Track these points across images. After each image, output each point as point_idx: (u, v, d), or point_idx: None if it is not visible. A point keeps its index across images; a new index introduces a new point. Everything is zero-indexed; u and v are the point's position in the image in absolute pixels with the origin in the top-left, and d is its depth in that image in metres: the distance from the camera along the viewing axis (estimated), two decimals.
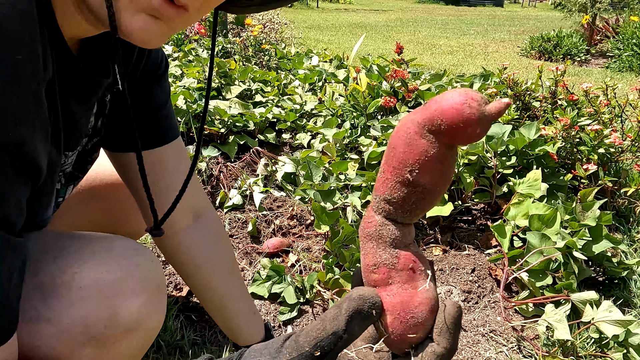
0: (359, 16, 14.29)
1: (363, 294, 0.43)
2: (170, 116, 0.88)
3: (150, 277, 0.72)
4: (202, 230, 0.96)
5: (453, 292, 1.47)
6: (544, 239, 1.40)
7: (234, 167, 2.07)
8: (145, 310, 0.70)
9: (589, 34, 7.28)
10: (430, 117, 0.40)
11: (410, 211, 0.44)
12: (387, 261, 0.44)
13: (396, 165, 0.42)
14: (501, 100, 0.39)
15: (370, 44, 7.54)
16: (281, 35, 5.23)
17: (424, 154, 0.41)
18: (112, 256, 0.69)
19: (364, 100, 2.24)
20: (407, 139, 0.41)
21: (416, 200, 0.43)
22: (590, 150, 1.87)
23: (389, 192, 0.43)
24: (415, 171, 0.42)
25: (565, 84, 2.26)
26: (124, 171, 0.87)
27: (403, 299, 0.44)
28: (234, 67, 2.87)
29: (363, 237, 0.46)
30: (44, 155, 0.50)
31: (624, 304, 1.43)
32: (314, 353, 0.42)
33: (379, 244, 0.45)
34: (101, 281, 0.66)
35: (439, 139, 0.41)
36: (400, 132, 0.42)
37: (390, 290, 0.45)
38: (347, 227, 1.48)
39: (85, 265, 0.66)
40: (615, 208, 1.91)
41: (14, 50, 0.44)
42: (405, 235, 0.45)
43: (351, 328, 0.42)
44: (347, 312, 0.42)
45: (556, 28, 7.69)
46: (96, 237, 0.73)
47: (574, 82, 2.95)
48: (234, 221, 1.78)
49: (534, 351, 1.25)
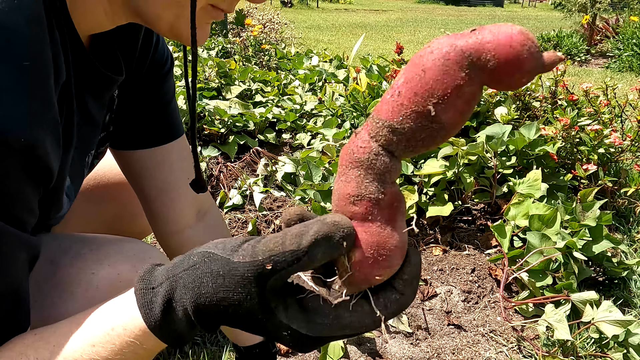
0: (359, 16, 14.29)
1: (338, 222, 0.39)
2: (177, 112, 0.88)
3: None
4: (207, 228, 0.96)
5: (453, 292, 1.47)
6: (544, 239, 1.40)
7: (234, 167, 2.07)
8: None
9: (589, 34, 7.28)
10: (478, 48, 0.35)
11: (414, 147, 0.39)
12: (373, 195, 0.40)
13: (420, 92, 0.36)
14: (556, 52, 0.34)
15: (370, 44, 7.54)
16: (281, 35, 5.23)
17: (458, 88, 0.36)
18: (126, 257, 0.70)
19: (364, 100, 2.24)
20: (442, 66, 0.36)
21: (426, 137, 0.38)
22: (590, 150, 1.87)
23: (398, 120, 0.37)
24: (442, 105, 0.36)
25: (565, 84, 2.26)
26: (130, 170, 0.87)
27: (380, 238, 0.40)
28: (234, 67, 2.87)
29: (348, 162, 0.40)
30: (55, 158, 0.50)
31: (624, 304, 1.43)
32: (266, 265, 0.39)
33: (367, 174, 0.39)
34: (117, 282, 0.66)
35: (478, 75, 0.35)
36: (436, 56, 0.36)
37: (368, 226, 0.40)
38: None
39: (102, 267, 0.67)
40: (615, 208, 1.91)
41: (21, 56, 0.44)
42: (396, 172, 0.40)
43: (314, 253, 0.39)
44: (314, 235, 0.38)
45: (556, 28, 7.69)
46: (109, 240, 0.74)
47: (574, 82, 2.95)
48: (234, 221, 1.78)
49: (534, 351, 1.25)
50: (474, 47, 0.35)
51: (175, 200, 0.88)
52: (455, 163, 1.72)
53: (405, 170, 1.75)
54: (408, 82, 0.37)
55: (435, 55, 0.36)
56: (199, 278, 0.42)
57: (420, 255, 0.43)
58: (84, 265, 0.67)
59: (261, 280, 0.40)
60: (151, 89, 0.81)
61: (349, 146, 0.40)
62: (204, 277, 0.42)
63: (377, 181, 0.40)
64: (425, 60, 0.37)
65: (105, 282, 0.66)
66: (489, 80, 0.35)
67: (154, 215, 0.90)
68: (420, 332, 1.32)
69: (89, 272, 0.66)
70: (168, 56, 0.84)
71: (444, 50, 0.36)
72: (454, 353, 1.26)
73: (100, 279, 0.66)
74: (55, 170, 0.50)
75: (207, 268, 0.42)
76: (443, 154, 1.76)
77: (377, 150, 0.39)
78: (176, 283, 0.43)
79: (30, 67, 0.45)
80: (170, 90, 0.85)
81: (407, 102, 0.37)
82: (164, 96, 0.84)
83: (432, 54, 0.36)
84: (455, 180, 1.76)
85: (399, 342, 1.28)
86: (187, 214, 0.92)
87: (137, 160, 0.84)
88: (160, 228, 0.92)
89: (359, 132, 0.40)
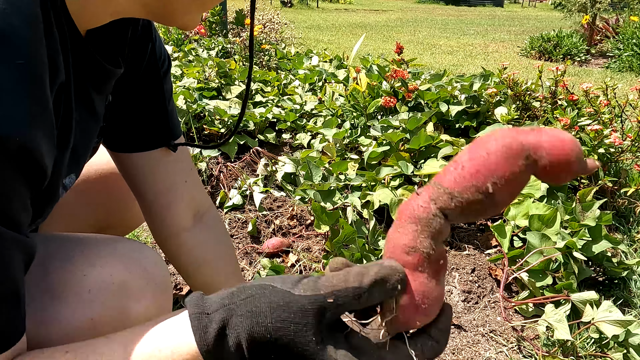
0: (359, 16, 14.29)
1: (395, 266, 0.44)
2: (175, 114, 0.88)
3: (155, 278, 0.71)
4: (205, 230, 0.96)
5: (453, 292, 1.47)
6: (544, 239, 1.41)
7: (234, 167, 2.07)
8: (152, 311, 0.69)
9: (589, 34, 7.28)
10: (537, 145, 0.41)
11: (466, 215, 0.44)
12: (426, 250, 0.45)
13: (482, 171, 0.42)
14: (595, 161, 0.41)
15: (370, 44, 7.54)
16: (281, 35, 5.23)
17: (514, 174, 0.42)
18: (118, 258, 0.69)
19: (364, 100, 2.24)
20: (505, 153, 0.42)
21: (478, 209, 0.43)
22: (590, 150, 1.87)
23: (459, 190, 0.43)
24: (498, 184, 0.42)
25: (565, 84, 2.26)
26: (127, 172, 0.86)
27: (426, 288, 0.45)
28: (234, 67, 2.87)
29: (407, 217, 0.45)
30: (50, 158, 0.50)
31: (624, 304, 1.43)
32: (327, 299, 0.41)
33: (423, 231, 0.45)
34: (109, 283, 0.65)
35: (532, 167, 0.42)
36: (500, 144, 0.42)
37: (417, 276, 0.45)
38: (347, 227, 1.48)
39: (93, 268, 0.66)
40: (615, 208, 1.91)
41: (20, 57, 0.44)
42: (447, 233, 0.46)
43: (372, 291, 0.42)
44: (374, 275, 0.42)
45: (556, 28, 7.69)
46: (101, 240, 0.72)
47: (574, 82, 2.95)
48: (234, 221, 1.78)
49: (534, 351, 1.25)
50: (533, 144, 0.41)
51: (172, 203, 0.88)
52: None
53: (405, 170, 1.75)
54: (472, 160, 0.43)
55: (500, 144, 0.42)
56: (257, 307, 0.43)
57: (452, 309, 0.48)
58: (74, 267, 0.66)
59: (320, 314, 0.42)
60: (148, 91, 0.81)
61: (409, 203, 0.46)
62: (262, 307, 0.43)
63: (431, 238, 0.45)
64: (489, 145, 0.42)
65: (97, 285, 0.65)
66: (539, 172, 0.42)
67: (151, 218, 0.90)
68: None
69: (80, 274, 0.65)
70: (165, 57, 0.83)
71: (507, 140, 0.42)
72: (454, 353, 1.26)
73: (92, 281, 0.65)
74: (49, 171, 0.50)
75: (267, 299, 0.43)
76: (443, 154, 1.77)
77: (436, 212, 0.44)
78: (233, 311, 0.43)
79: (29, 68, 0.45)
80: (168, 92, 0.84)
81: (469, 176, 0.43)
82: (162, 98, 0.83)
83: (497, 142, 0.42)
84: None
85: None
86: (184, 216, 0.91)
87: (134, 162, 0.84)
88: (158, 231, 0.92)
89: (421, 193, 0.46)
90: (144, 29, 0.76)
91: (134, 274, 0.68)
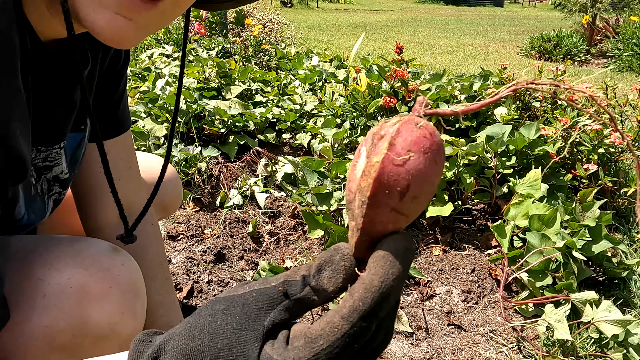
0: (359, 16, 14.29)
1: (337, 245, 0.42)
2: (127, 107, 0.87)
3: (122, 281, 0.67)
4: None
5: (453, 292, 1.47)
6: (544, 239, 1.41)
7: (234, 167, 2.08)
8: (117, 317, 0.66)
9: (589, 34, 7.28)
10: None
11: None
12: None
13: None
14: None
15: (370, 44, 7.54)
16: (281, 35, 5.23)
17: None
18: (80, 260, 0.65)
19: (364, 100, 2.24)
20: None
21: None
22: (590, 150, 1.87)
23: None
24: None
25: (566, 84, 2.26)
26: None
27: None
28: (234, 67, 2.88)
29: None
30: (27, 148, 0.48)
31: (624, 304, 1.43)
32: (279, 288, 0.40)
33: None
34: (66, 288, 0.62)
35: None
36: None
37: None
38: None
39: (50, 272, 0.62)
40: (615, 208, 1.91)
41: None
42: None
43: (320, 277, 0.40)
44: (318, 260, 0.41)
45: (556, 28, 7.69)
46: (65, 240, 0.68)
47: (574, 82, 2.95)
48: (234, 221, 1.78)
49: (534, 351, 1.25)
50: None
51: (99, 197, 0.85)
52: (455, 163, 1.72)
53: None
54: None
55: None
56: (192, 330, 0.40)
57: None
58: (31, 271, 0.62)
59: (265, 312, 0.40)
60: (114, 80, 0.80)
61: None
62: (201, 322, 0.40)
63: None
64: None
65: (53, 289, 0.61)
66: None
67: (80, 210, 0.88)
68: (420, 332, 1.32)
69: (36, 278, 0.61)
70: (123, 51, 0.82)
71: None
72: (454, 353, 1.26)
73: (48, 286, 0.61)
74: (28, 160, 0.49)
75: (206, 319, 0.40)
76: None
77: None
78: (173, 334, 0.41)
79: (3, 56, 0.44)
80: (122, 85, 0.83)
81: None
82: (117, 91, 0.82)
83: None
84: (455, 180, 1.76)
85: (399, 342, 1.28)
86: (110, 213, 0.88)
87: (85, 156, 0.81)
88: (84, 223, 0.89)
89: None
90: None
91: (95, 276, 0.64)
